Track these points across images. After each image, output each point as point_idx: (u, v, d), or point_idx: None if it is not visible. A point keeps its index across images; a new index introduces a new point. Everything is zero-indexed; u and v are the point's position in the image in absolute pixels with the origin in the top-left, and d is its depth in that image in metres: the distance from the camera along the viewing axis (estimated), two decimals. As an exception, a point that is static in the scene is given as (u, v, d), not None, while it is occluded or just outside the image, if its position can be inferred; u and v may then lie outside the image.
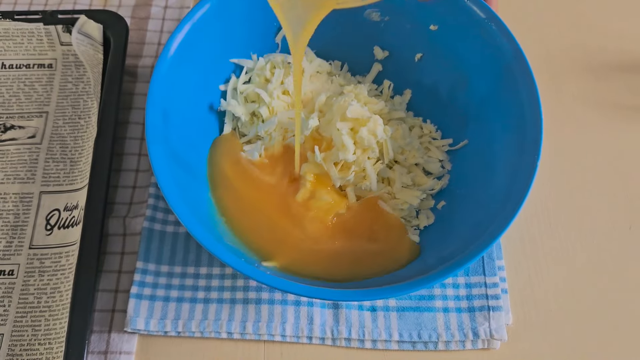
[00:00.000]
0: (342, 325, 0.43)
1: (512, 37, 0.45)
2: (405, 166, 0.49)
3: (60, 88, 0.53)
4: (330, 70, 0.54)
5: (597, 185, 0.52)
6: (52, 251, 0.46)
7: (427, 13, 0.49)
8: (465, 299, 0.45)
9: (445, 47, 0.49)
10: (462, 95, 0.49)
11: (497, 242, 0.47)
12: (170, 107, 0.44)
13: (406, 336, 0.43)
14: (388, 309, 0.44)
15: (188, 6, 0.61)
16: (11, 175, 0.49)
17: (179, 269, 0.46)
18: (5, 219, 0.47)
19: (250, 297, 0.44)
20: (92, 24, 0.53)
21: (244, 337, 0.43)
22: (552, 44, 0.60)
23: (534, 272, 0.47)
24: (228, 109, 0.50)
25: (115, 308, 0.45)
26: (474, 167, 0.47)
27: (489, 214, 0.41)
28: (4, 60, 0.54)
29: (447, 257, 0.40)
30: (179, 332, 0.43)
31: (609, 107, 0.56)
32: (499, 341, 0.44)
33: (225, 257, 0.37)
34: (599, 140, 0.54)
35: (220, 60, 0.51)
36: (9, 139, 0.51)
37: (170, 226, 0.47)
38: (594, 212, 0.50)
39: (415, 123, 0.52)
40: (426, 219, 0.47)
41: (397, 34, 0.52)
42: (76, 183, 0.48)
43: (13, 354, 0.42)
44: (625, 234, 0.49)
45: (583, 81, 0.57)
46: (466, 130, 0.49)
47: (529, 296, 0.46)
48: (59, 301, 0.43)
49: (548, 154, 0.52)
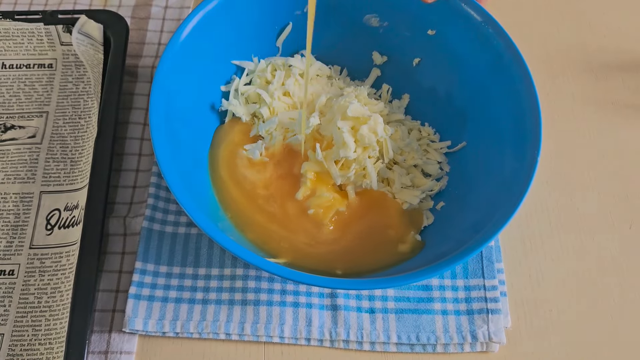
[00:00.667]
0: (340, 327, 0.44)
1: (509, 39, 0.45)
2: (404, 167, 0.50)
3: (60, 88, 0.53)
4: (330, 74, 0.54)
5: (597, 185, 0.52)
6: (52, 251, 0.46)
7: (425, 18, 0.49)
8: (464, 301, 0.45)
9: (443, 51, 0.50)
10: (460, 98, 0.50)
11: (496, 245, 0.47)
12: (172, 106, 0.44)
13: (404, 338, 0.43)
14: (387, 311, 0.44)
15: (188, 6, 0.61)
16: (11, 175, 0.49)
17: (177, 270, 0.46)
18: (6, 219, 0.47)
19: (248, 298, 0.44)
20: (92, 24, 0.53)
21: (242, 338, 0.43)
22: (551, 44, 0.60)
23: (534, 273, 0.47)
24: (229, 108, 0.50)
25: (115, 308, 0.45)
26: (473, 168, 0.47)
27: (488, 214, 0.41)
28: (4, 60, 0.54)
29: (445, 253, 0.40)
30: (177, 332, 0.43)
31: (608, 106, 0.56)
32: (498, 344, 0.44)
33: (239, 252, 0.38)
34: (598, 139, 0.54)
35: (222, 62, 0.51)
36: (9, 138, 0.51)
37: (169, 226, 0.47)
38: (594, 212, 0.50)
39: (414, 126, 0.52)
40: (426, 219, 0.47)
41: (395, 39, 0.52)
42: (76, 183, 0.49)
43: (13, 354, 0.42)
44: (625, 234, 0.49)
45: (583, 81, 0.57)
46: (464, 133, 0.49)
47: (528, 297, 0.46)
48: (60, 301, 0.44)
49: (548, 153, 0.52)
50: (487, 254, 0.47)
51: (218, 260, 0.46)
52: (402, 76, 0.53)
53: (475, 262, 0.46)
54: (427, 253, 0.44)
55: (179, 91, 0.46)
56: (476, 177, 0.46)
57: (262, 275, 0.45)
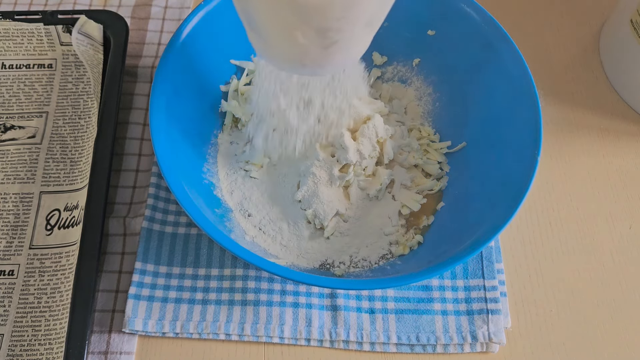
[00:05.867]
0: (340, 328, 0.43)
1: (509, 38, 0.45)
2: (405, 167, 0.49)
3: (60, 88, 0.53)
4: (330, 74, 0.54)
5: (597, 185, 0.52)
6: (52, 251, 0.46)
7: (425, 18, 0.49)
8: (464, 302, 0.45)
9: (442, 51, 0.50)
10: (460, 98, 0.49)
11: (496, 245, 0.47)
12: (172, 106, 0.45)
13: (404, 339, 0.43)
14: (386, 311, 0.44)
15: (188, 6, 0.61)
16: (11, 175, 0.49)
17: (177, 270, 0.46)
18: (6, 219, 0.47)
19: (248, 298, 0.44)
20: (92, 24, 0.53)
21: (242, 338, 0.43)
22: (551, 44, 0.60)
23: (534, 273, 0.47)
24: (229, 109, 0.50)
25: (115, 308, 0.45)
26: (473, 168, 0.47)
27: (488, 214, 0.41)
28: (4, 61, 0.54)
29: (445, 253, 0.40)
30: (177, 333, 0.43)
31: (608, 105, 0.56)
32: (498, 345, 0.43)
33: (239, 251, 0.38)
34: (598, 139, 0.54)
35: (222, 62, 0.51)
36: (9, 139, 0.51)
37: (169, 227, 0.47)
38: (594, 212, 0.50)
39: (414, 126, 0.52)
40: (426, 219, 0.47)
41: (395, 39, 0.52)
42: (76, 183, 0.48)
43: (13, 354, 0.42)
44: (625, 234, 0.49)
45: (583, 81, 0.57)
46: (464, 133, 0.49)
47: (528, 298, 0.46)
48: (59, 301, 0.44)
49: (548, 153, 0.52)
50: (487, 254, 0.46)
51: (218, 260, 0.46)
52: (402, 76, 0.53)
53: (475, 262, 0.46)
54: (427, 253, 0.44)
55: (179, 91, 0.46)
56: (476, 177, 0.46)
57: (262, 276, 0.45)
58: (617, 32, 0.55)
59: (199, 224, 0.38)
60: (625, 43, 0.53)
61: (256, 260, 0.38)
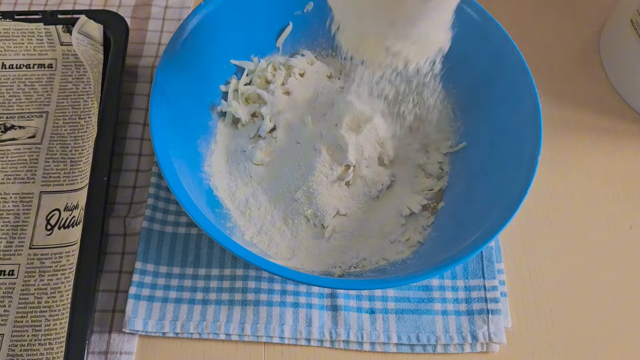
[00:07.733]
0: (340, 328, 0.43)
1: (509, 39, 0.45)
2: (405, 167, 0.49)
3: (60, 88, 0.53)
4: (330, 74, 0.54)
5: (597, 185, 0.52)
6: (52, 251, 0.46)
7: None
8: (464, 302, 0.45)
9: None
10: (461, 98, 0.49)
11: (496, 245, 0.47)
12: (172, 106, 0.45)
13: (405, 339, 0.43)
14: (387, 311, 0.44)
15: (188, 6, 0.61)
16: (11, 175, 0.49)
17: (177, 270, 0.46)
18: (6, 219, 0.47)
19: (248, 298, 0.44)
20: (92, 24, 0.53)
21: (242, 338, 0.43)
22: (551, 44, 0.60)
23: (534, 273, 0.47)
24: (229, 110, 0.50)
25: (115, 308, 0.45)
26: (473, 168, 0.47)
27: (488, 214, 0.41)
28: (4, 61, 0.54)
29: (445, 253, 0.40)
30: (177, 333, 0.43)
31: (609, 105, 0.56)
32: (498, 345, 0.44)
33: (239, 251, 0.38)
34: (598, 139, 0.54)
35: (222, 62, 0.51)
36: (9, 139, 0.51)
37: (169, 226, 0.47)
38: (594, 212, 0.50)
39: (414, 126, 0.52)
40: (426, 219, 0.47)
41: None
42: (76, 183, 0.48)
43: (13, 354, 0.42)
44: (625, 234, 0.49)
45: (583, 81, 0.57)
46: (465, 133, 0.49)
47: (528, 297, 0.46)
48: (60, 301, 0.44)
49: (548, 153, 0.52)
50: (487, 254, 0.46)
51: (218, 260, 0.46)
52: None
53: (475, 262, 0.46)
54: (427, 253, 0.44)
55: (179, 91, 0.46)
56: (476, 177, 0.46)
57: (262, 276, 0.45)
58: (617, 32, 0.55)
59: (199, 224, 0.38)
60: (626, 43, 0.53)
61: (256, 260, 0.38)
